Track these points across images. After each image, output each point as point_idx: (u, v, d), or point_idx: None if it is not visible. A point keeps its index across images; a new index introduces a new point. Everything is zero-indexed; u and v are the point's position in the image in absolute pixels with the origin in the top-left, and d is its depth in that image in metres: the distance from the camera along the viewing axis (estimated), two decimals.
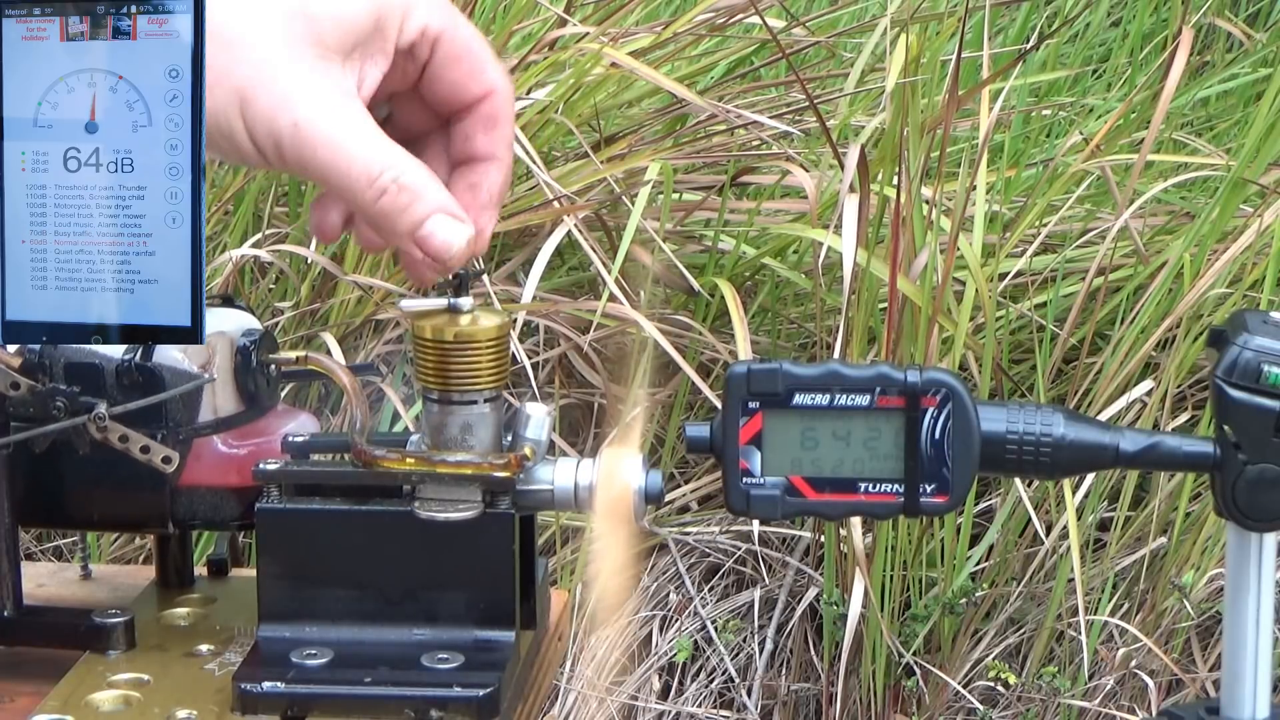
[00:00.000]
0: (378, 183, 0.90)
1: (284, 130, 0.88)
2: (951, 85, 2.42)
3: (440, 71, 0.94)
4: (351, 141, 0.89)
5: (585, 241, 2.43)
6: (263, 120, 0.88)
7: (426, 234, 0.91)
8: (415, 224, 0.91)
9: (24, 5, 0.87)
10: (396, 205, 0.90)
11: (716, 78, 2.91)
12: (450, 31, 0.93)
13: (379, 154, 0.90)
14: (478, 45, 0.94)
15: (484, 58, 0.94)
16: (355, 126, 0.90)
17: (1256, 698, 0.96)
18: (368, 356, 2.47)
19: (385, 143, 0.91)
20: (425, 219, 0.91)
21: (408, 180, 0.90)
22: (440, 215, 0.91)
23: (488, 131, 0.95)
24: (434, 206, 0.91)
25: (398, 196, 0.90)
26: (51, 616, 1.09)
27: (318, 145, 0.88)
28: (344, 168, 0.89)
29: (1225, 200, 2.59)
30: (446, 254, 0.92)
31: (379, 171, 0.90)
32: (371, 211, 0.91)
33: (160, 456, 1.03)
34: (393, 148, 0.91)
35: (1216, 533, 2.48)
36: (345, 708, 0.96)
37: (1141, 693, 2.52)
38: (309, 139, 0.88)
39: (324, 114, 0.89)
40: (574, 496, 0.98)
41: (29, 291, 0.89)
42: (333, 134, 0.89)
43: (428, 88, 0.95)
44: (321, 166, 0.89)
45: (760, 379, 0.93)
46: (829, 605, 2.49)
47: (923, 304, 2.40)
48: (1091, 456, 0.94)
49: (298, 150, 0.88)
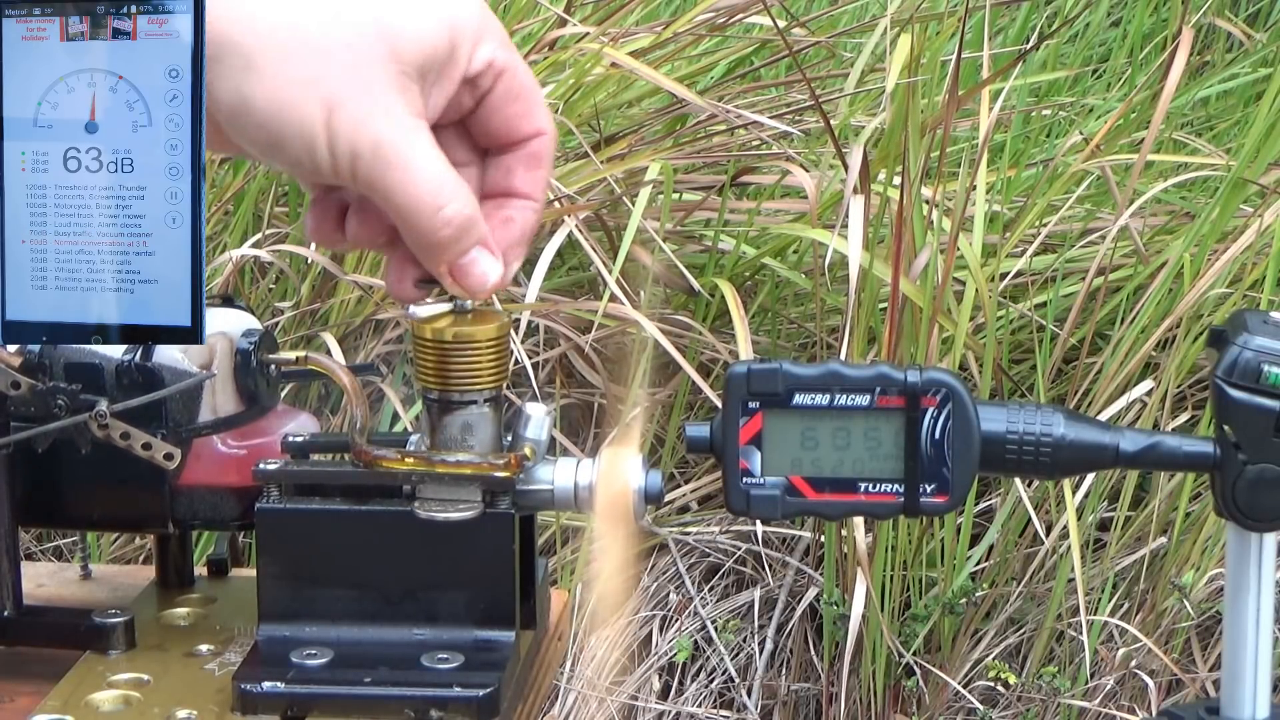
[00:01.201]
0: (443, 213, 0.91)
1: (365, 146, 0.88)
2: (952, 85, 2.42)
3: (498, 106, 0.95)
4: (424, 168, 0.90)
5: (585, 242, 2.43)
6: (346, 133, 0.88)
7: (467, 265, 0.93)
8: (460, 254, 0.93)
9: (24, 5, 0.87)
10: (455, 236, 0.92)
11: (716, 78, 2.91)
12: (512, 69, 0.94)
13: (446, 184, 0.91)
14: (534, 88, 0.95)
15: (538, 99, 0.96)
16: (428, 152, 0.90)
17: (1256, 698, 0.96)
18: (368, 356, 2.47)
19: (451, 172, 0.91)
20: (469, 251, 0.93)
21: (469, 212, 0.92)
22: (481, 249, 0.93)
23: (530, 170, 0.96)
24: (478, 239, 0.93)
25: (457, 230, 0.92)
26: (51, 616, 1.09)
27: (393, 166, 0.89)
28: (414, 193, 0.90)
29: (1225, 200, 2.59)
30: (481, 287, 0.94)
31: (446, 202, 0.91)
32: (430, 240, 0.92)
33: (162, 454, 1.03)
34: (457, 178, 0.92)
35: (1216, 533, 2.48)
36: (345, 708, 0.95)
37: (1141, 693, 2.52)
38: (387, 158, 0.89)
39: (403, 136, 0.89)
40: (574, 496, 0.99)
41: (29, 291, 0.89)
42: (410, 158, 0.89)
43: (480, 120, 0.95)
44: (392, 188, 0.90)
45: (760, 379, 0.93)
46: (829, 605, 2.49)
47: (923, 304, 2.40)
48: (1091, 456, 0.94)
49: (372, 167, 0.89)
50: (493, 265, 0.93)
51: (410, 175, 0.90)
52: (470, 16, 0.92)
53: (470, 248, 0.92)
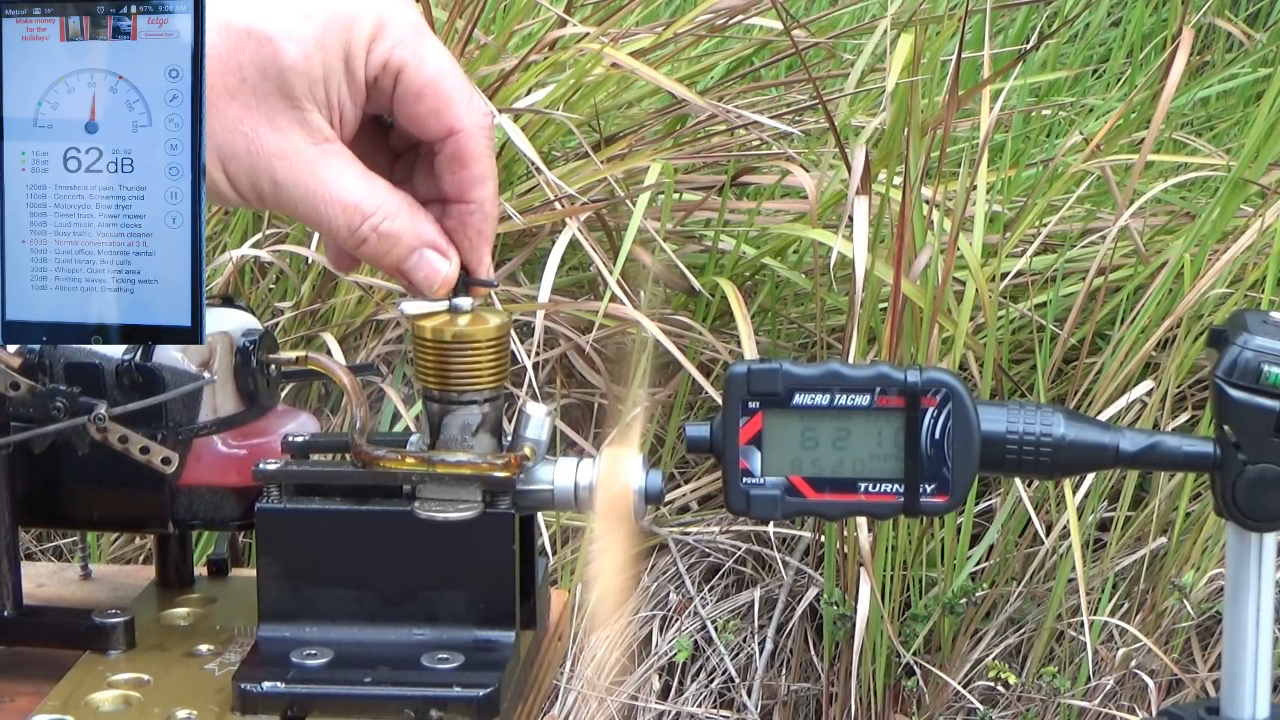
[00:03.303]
0: (358, 233, 0.92)
1: (265, 189, 0.90)
2: (952, 85, 2.42)
3: (404, 107, 0.93)
4: (328, 195, 0.91)
5: (586, 242, 2.43)
6: (244, 180, 0.90)
7: (409, 269, 0.94)
8: (398, 262, 0.94)
9: (24, 5, 0.87)
10: (379, 250, 0.93)
11: (716, 78, 2.91)
12: (414, 66, 0.92)
13: (356, 201, 0.91)
14: (445, 82, 0.92)
15: (448, 95, 0.93)
16: (331, 179, 0.91)
17: (1256, 698, 0.96)
18: (368, 356, 2.47)
19: (362, 188, 0.92)
20: (407, 257, 0.94)
21: (386, 227, 0.92)
22: (422, 251, 0.94)
23: (454, 173, 0.95)
24: (415, 244, 0.94)
25: (378, 244, 0.93)
26: (51, 616, 1.09)
27: (297, 202, 0.91)
28: (325, 220, 0.92)
29: (1225, 200, 2.59)
30: (430, 287, 0.95)
31: (359, 222, 0.92)
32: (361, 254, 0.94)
33: (160, 457, 1.02)
34: (371, 192, 0.92)
35: (1216, 533, 2.48)
36: (345, 708, 0.95)
37: (1141, 693, 2.52)
38: (289, 196, 0.91)
39: (300, 170, 0.90)
40: (574, 496, 0.98)
41: (29, 291, 0.89)
42: (310, 191, 0.91)
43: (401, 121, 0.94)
44: (303, 217, 0.92)
45: (760, 379, 0.93)
46: (829, 605, 2.49)
47: (923, 304, 2.40)
48: (1091, 456, 0.94)
49: (279, 203, 0.91)
50: (439, 262, 0.94)
51: (315, 207, 0.91)
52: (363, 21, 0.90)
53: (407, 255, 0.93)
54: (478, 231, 0.96)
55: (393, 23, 0.91)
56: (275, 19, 0.89)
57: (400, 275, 0.94)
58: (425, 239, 0.93)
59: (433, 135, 0.94)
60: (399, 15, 0.92)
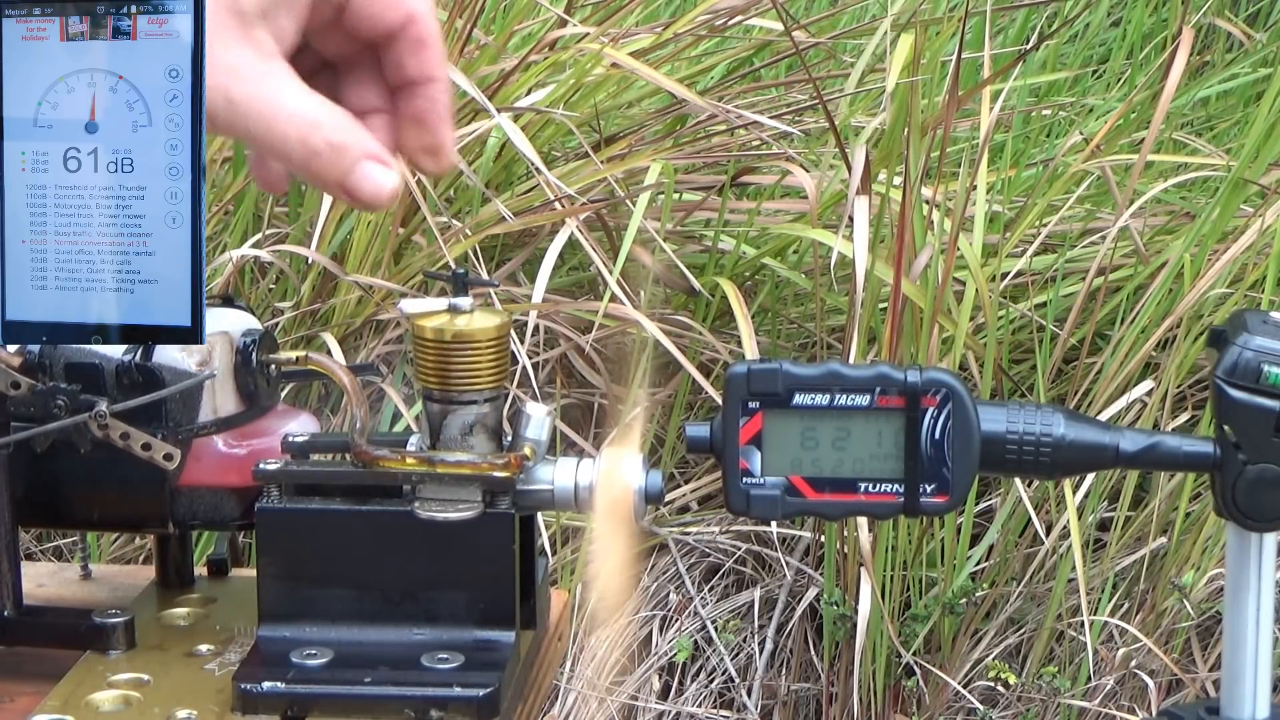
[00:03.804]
0: (309, 143, 0.92)
1: (219, 106, 0.90)
2: (952, 85, 2.42)
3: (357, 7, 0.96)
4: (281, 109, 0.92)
5: (586, 242, 2.43)
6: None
7: (356, 183, 0.94)
8: (345, 173, 0.94)
9: (24, 5, 0.87)
10: (329, 162, 0.93)
11: (716, 78, 2.91)
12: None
13: (308, 114, 0.92)
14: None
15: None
16: (282, 93, 0.92)
17: (1256, 698, 0.96)
18: (368, 356, 2.47)
19: (311, 102, 0.93)
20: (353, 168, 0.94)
21: (337, 138, 0.93)
22: (368, 162, 0.94)
23: (417, 54, 0.97)
24: (360, 154, 0.94)
25: (329, 155, 0.93)
26: (51, 616, 1.09)
27: (250, 117, 0.91)
28: (278, 134, 0.92)
29: (1225, 200, 2.59)
30: (376, 200, 0.94)
31: (309, 131, 0.92)
32: (308, 169, 0.93)
33: (162, 454, 1.02)
34: (321, 104, 0.93)
35: (1216, 533, 2.48)
36: (345, 708, 0.95)
37: (1141, 693, 2.52)
38: (242, 113, 0.91)
39: (253, 86, 0.91)
40: (574, 496, 0.99)
41: (29, 291, 0.89)
42: (264, 105, 0.91)
43: (349, 23, 0.97)
44: (254, 134, 0.92)
45: (760, 379, 0.93)
46: (829, 605, 2.49)
47: (924, 304, 2.40)
48: (1091, 456, 0.94)
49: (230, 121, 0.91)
50: (385, 175, 0.94)
51: (269, 122, 0.91)
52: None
53: (355, 164, 0.93)
54: (447, 107, 0.98)
55: None
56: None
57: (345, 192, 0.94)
58: (370, 150, 0.94)
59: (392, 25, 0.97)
60: None
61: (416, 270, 2.42)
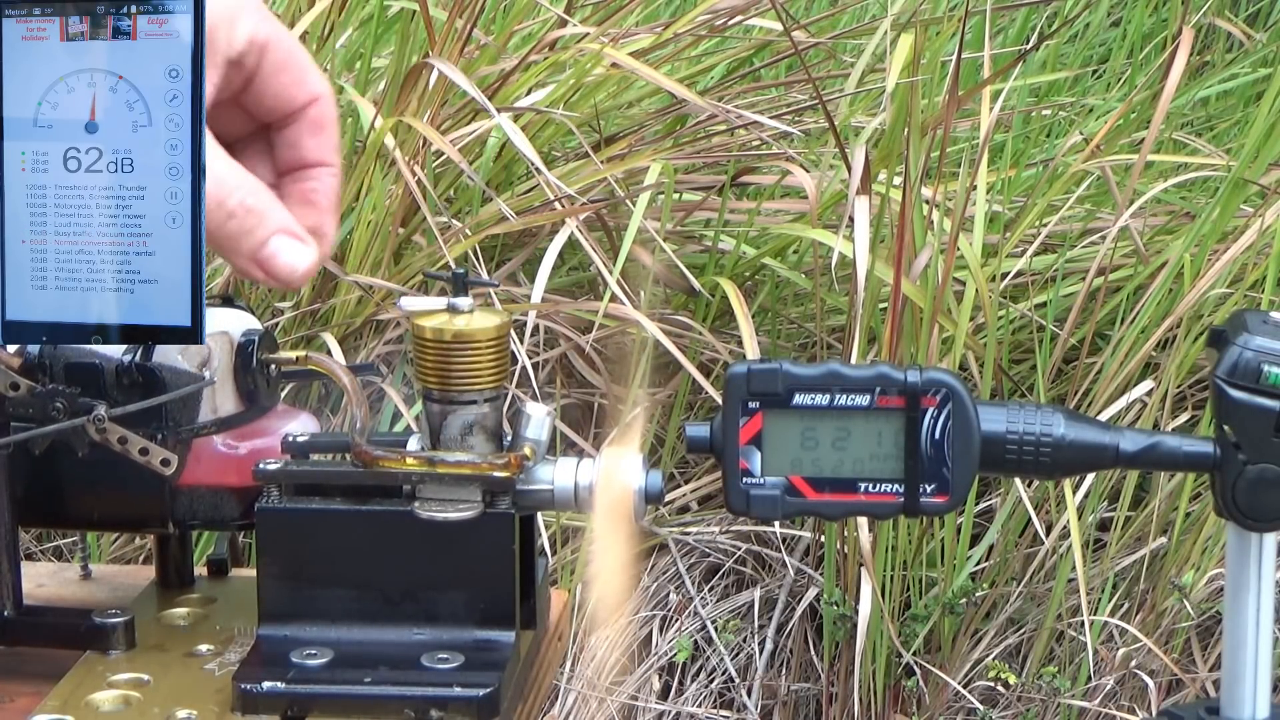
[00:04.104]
0: (225, 205, 0.90)
1: None
2: (952, 85, 2.42)
3: (267, 80, 0.94)
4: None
5: (586, 242, 2.43)
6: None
7: (269, 255, 0.91)
8: (258, 246, 0.91)
9: (24, 5, 0.87)
10: (243, 228, 0.90)
11: (716, 78, 2.91)
12: (275, 39, 0.93)
13: (224, 176, 0.90)
14: (300, 53, 0.95)
15: (307, 65, 0.95)
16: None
17: (1256, 698, 0.96)
18: (368, 356, 2.47)
19: (230, 165, 0.91)
20: (266, 241, 0.91)
21: (253, 203, 0.90)
22: (282, 236, 0.91)
23: (315, 136, 0.95)
24: (275, 227, 0.91)
25: (245, 219, 0.90)
26: (51, 616, 1.09)
27: None
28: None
29: (1225, 200, 2.59)
30: (291, 275, 0.91)
31: (226, 194, 0.90)
32: (218, 236, 0.90)
33: (159, 459, 1.02)
34: (235, 169, 0.91)
35: (1216, 533, 2.48)
36: (345, 708, 0.95)
37: (1141, 693, 2.52)
38: None
39: None
40: (574, 496, 0.98)
41: (29, 291, 0.89)
42: None
43: (254, 96, 0.95)
44: None
45: (760, 379, 0.93)
46: (829, 605, 2.49)
47: (924, 304, 2.40)
48: (1091, 456, 0.94)
49: None
50: (300, 251, 0.91)
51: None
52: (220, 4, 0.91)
53: (268, 238, 0.91)
54: (336, 195, 0.96)
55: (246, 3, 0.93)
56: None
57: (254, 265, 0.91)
58: (284, 224, 0.91)
59: (296, 104, 0.95)
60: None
61: (416, 270, 2.42)
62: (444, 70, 2.38)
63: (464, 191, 2.59)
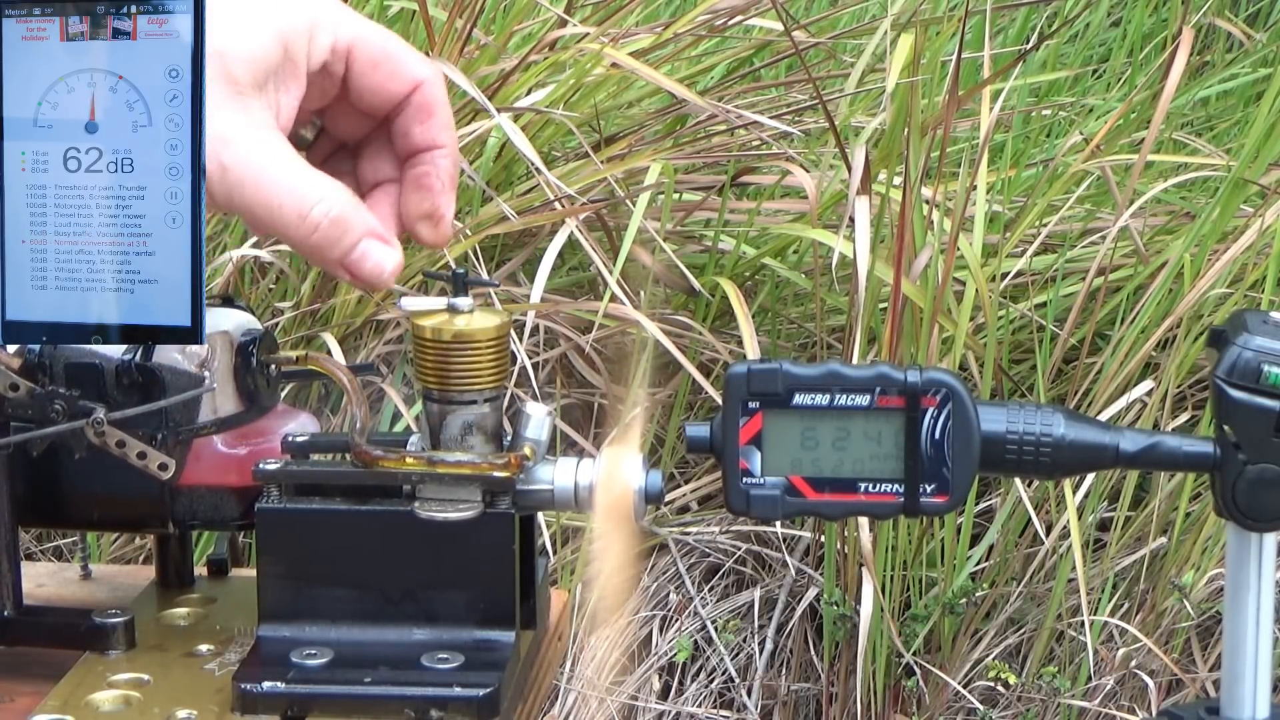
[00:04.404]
0: (309, 218, 0.91)
1: (213, 173, 0.89)
2: (952, 85, 2.42)
3: (362, 80, 0.95)
4: (279, 179, 0.91)
5: (586, 242, 2.43)
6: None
7: (357, 260, 0.93)
8: (346, 252, 0.93)
9: (24, 5, 0.87)
10: (329, 239, 0.92)
11: (717, 78, 2.91)
12: (362, 39, 0.94)
13: (307, 188, 0.91)
14: (392, 45, 0.96)
15: (401, 55, 0.96)
16: (280, 162, 0.91)
17: (1256, 698, 0.96)
18: (368, 356, 2.47)
19: (311, 174, 0.92)
20: (354, 246, 0.93)
21: (337, 212, 0.92)
22: (369, 240, 0.93)
23: (423, 122, 0.97)
24: (362, 231, 0.93)
25: (329, 230, 0.92)
26: (51, 616, 1.09)
27: (245, 185, 0.90)
28: (275, 206, 0.91)
29: (1225, 200, 2.59)
30: (378, 278, 0.94)
31: (309, 207, 0.91)
32: (305, 246, 0.92)
33: (157, 463, 1.02)
34: (319, 178, 0.92)
35: (1216, 533, 2.48)
36: (345, 708, 0.95)
37: (1141, 693, 2.52)
38: (236, 180, 0.90)
39: (248, 153, 0.90)
40: (574, 496, 0.98)
41: (29, 291, 0.89)
42: (259, 173, 0.90)
43: (355, 96, 0.96)
44: (250, 205, 0.91)
45: (760, 379, 0.93)
46: (829, 605, 2.49)
47: (924, 304, 2.40)
48: (1091, 456, 0.94)
49: (226, 191, 0.90)
50: (386, 253, 0.93)
51: (265, 188, 0.90)
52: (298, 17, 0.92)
53: (355, 242, 0.93)
54: (450, 175, 0.98)
55: (326, 14, 0.94)
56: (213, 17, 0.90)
57: (344, 269, 0.93)
58: (370, 227, 0.93)
59: (397, 95, 0.96)
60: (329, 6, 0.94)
61: (416, 270, 2.42)
62: (444, 70, 2.38)
63: (464, 191, 2.59)
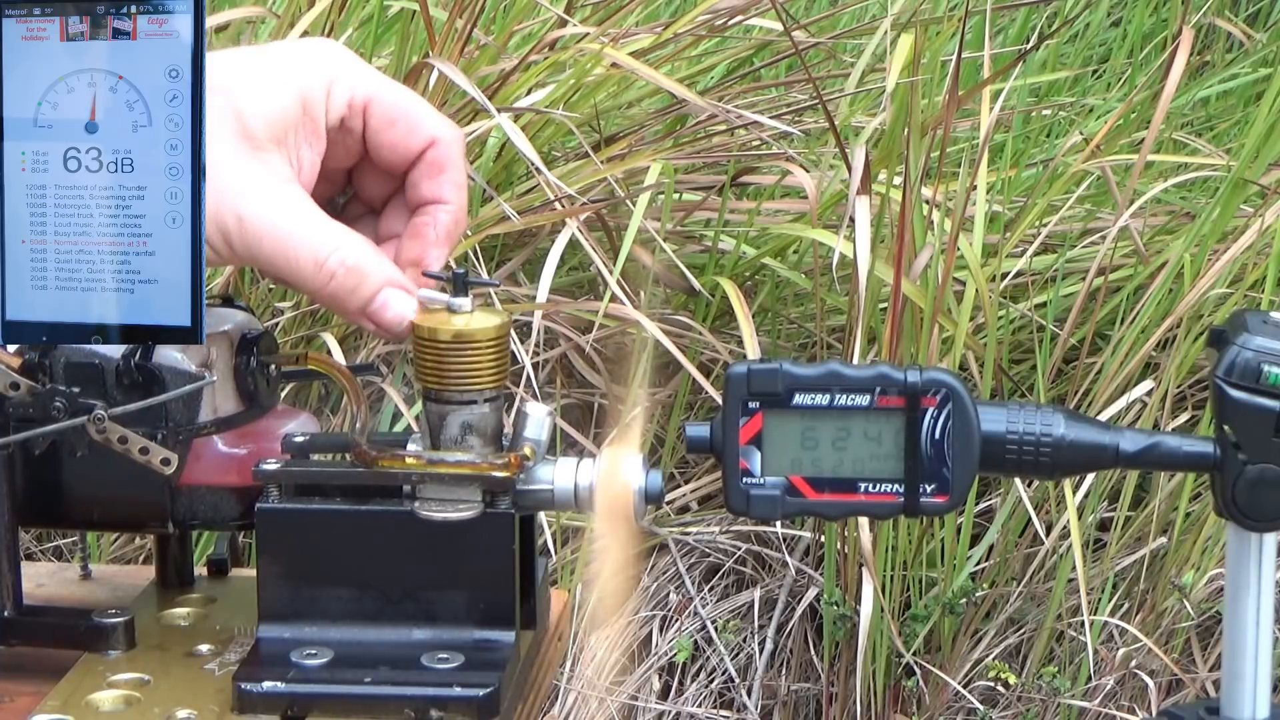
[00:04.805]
0: (325, 267, 0.93)
1: (230, 225, 0.90)
2: (952, 85, 2.42)
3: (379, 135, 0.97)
4: (295, 229, 0.92)
5: (586, 242, 2.43)
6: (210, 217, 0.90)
7: (377, 309, 0.95)
8: (365, 301, 0.95)
9: (24, 5, 0.87)
10: (345, 287, 0.94)
11: (717, 78, 2.91)
12: (378, 97, 0.95)
13: (323, 238, 0.93)
14: (409, 102, 0.97)
15: (418, 113, 0.97)
16: (297, 213, 0.92)
17: (1256, 698, 0.96)
18: (368, 356, 2.47)
19: (328, 225, 0.93)
20: (374, 295, 0.94)
21: (353, 262, 0.93)
22: (389, 289, 0.95)
23: (432, 178, 0.98)
24: (381, 281, 0.94)
25: (345, 279, 0.93)
26: (51, 616, 1.09)
27: (262, 236, 0.91)
28: (292, 256, 0.92)
29: (1225, 200, 2.59)
30: (398, 326, 0.95)
31: (325, 256, 0.93)
32: (323, 296, 0.94)
33: (159, 458, 1.02)
34: (336, 229, 0.93)
35: (1216, 533, 2.48)
36: (345, 708, 0.95)
37: (1141, 693, 2.52)
38: (254, 231, 0.91)
39: (265, 205, 0.91)
40: (574, 496, 0.98)
41: (29, 291, 0.89)
42: (275, 224, 0.91)
43: (374, 153, 0.97)
44: (269, 256, 0.92)
45: (760, 379, 0.93)
46: (829, 605, 2.49)
47: (924, 304, 2.40)
48: (1091, 456, 0.94)
49: (245, 242, 0.91)
50: (408, 303, 0.95)
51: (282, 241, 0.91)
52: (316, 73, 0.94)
53: (375, 292, 0.94)
54: (447, 231, 0.99)
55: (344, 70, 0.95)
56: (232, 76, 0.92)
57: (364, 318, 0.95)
58: (390, 277, 0.95)
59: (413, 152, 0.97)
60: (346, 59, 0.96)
61: None
62: (444, 70, 2.38)
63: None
